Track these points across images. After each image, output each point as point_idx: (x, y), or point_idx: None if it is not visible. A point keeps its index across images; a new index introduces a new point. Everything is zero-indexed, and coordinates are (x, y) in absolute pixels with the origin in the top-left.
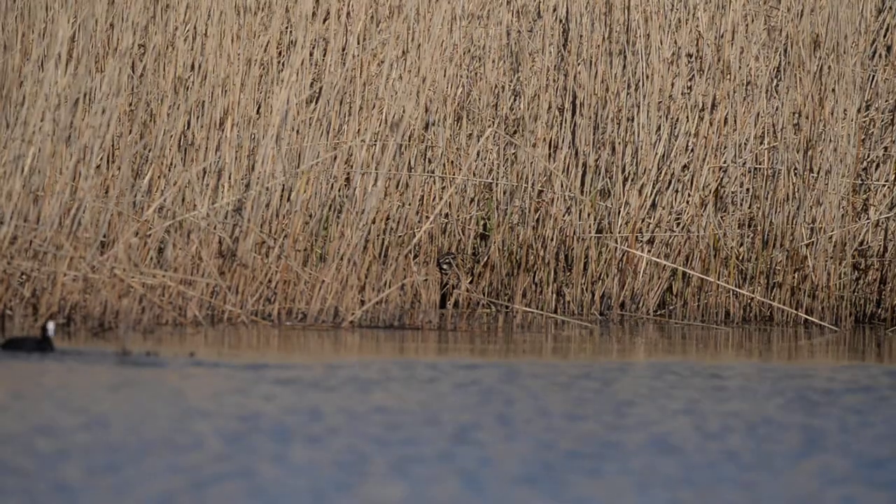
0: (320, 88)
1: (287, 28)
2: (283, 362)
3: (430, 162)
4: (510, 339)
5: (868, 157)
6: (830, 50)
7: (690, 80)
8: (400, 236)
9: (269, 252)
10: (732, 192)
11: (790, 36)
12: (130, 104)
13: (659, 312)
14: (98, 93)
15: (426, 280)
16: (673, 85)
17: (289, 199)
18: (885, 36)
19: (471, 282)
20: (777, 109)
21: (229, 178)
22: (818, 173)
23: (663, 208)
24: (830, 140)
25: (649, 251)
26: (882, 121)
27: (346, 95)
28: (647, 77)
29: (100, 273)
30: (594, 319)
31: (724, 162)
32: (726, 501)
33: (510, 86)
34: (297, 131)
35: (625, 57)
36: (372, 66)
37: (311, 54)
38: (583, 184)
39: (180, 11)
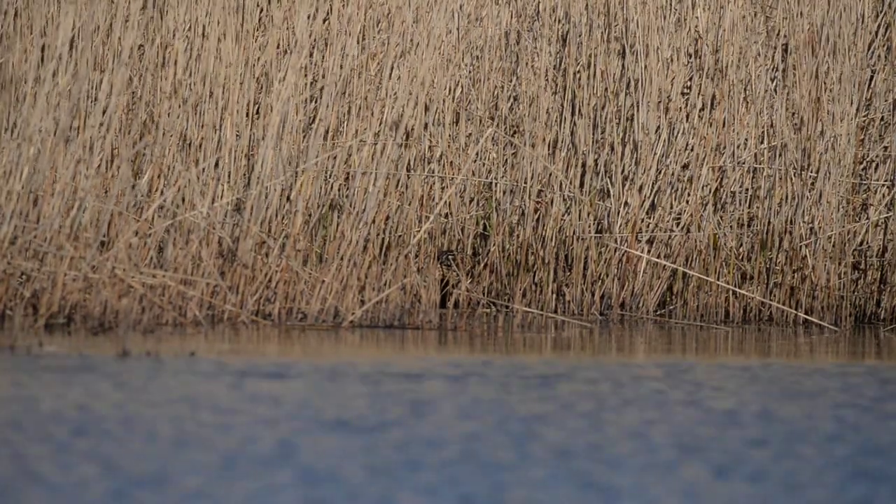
0: (321, 89)
1: (287, 28)
2: (283, 361)
3: (429, 162)
4: (510, 339)
5: (867, 156)
6: (829, 50)
7: (689, 79)
8: (400, 236)
9: (269, 252)
10: (732, 192)
11: (788, 36)
12: (129, 105)
13: (659, 312)
14: (98, 93)
15: (426, 280)
16: (672, 85)
17: (289, 199)
18: (884, 35)
19: (471, 282)
20: (776, 109)
21: (229, 178)
22: (817, 173)
23: (663, 208)
24: (829, 140)
25: (649, 251)
26: (881, 120)
27: (346, 96)
28: (646, 77)
29: (100, 273)
30: (594, 319)
31: (724, 162)
32: (725, 497)
33: (509, 86)
34: (298, 131)
35: (624, 57)
36: (371, 66)
37: (311, 55)
38: (582, 184)
39: (179, 12)
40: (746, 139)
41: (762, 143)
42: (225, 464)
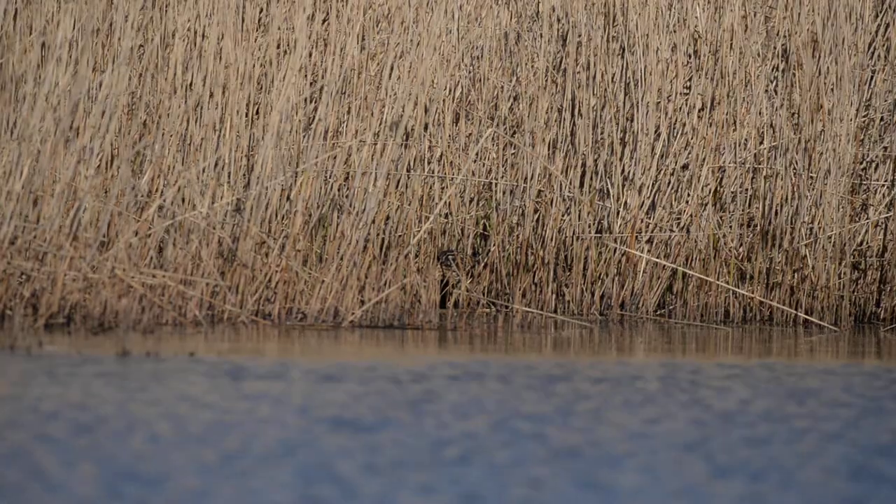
0: (321, 88)
1: (287, 28)
2: (282, 361)
3: (429, 162)
4: (510, 339)
5: (867, 156)
6: (829, 50)
7: (689, 80)
8: (400, 236)
9: (269, 252)
10: (732, 193)
11: (788, 36)
12: (129, 104)
13: (659, 312)
14: (98, 93)
15: (426, 280)
16: (672, 85)
17: (289, 199)
18: (884, 35)
19: (471, 282)
20: (776, 109)
21: (229, 178)
22: (817, 173)
23: (663, 208)
24: (829, 140)
25: (649, 251)
26: (881, 120)
27: (346, 96)
28: (646, 77)
29: (100, 273)
30: (594, 319)
31: (724, 162)
32: (726, 497)
33: (509, 86)
34: (298, 131)
35: (623, 57)
36: (371, 66)
37: (310, 55)
38: (582, 184)
39: (179, 12)
40: (746, 139)
41: (762, 143)
42: (225, 463)
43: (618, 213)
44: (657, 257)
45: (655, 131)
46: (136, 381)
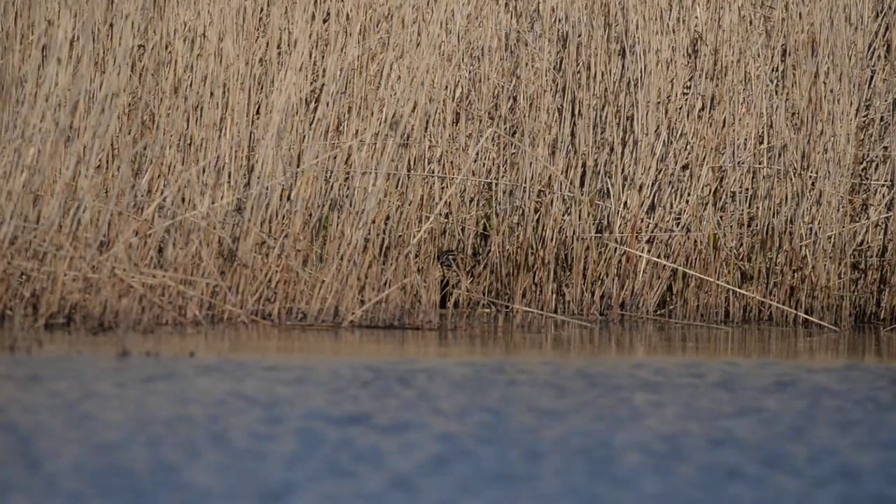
0: (321, 87)
1: (287, 29)
2: (282, 361)
3: (429, 162)
4: (510, 339)
5: (867, 156)
6: (829, 50)
7: (689, 79)
8: (400, 236)
9: (269, 252)
10: (732, 193)
11: (788, 36)
12: (129, 104)
13: (659, 312)
14: (98, 93)
15: (426, 280)
16: (672, 85)
17: (289, 199)
18: (884, 35)
19: (471, 282)
20: (776, 109)
21: (229, 178)
22: (817, 173)
23: (663, 208)
24: (829, 140)
25: (649, 251)
26: (881, 120)
27: (346, 95)
28: (646, 77)
29: (100, 273)
30: (594, 319)
31: (724, 162)
32: (727, 497)
33: (509, 86)
34: (298, 131)
35: (624, 57)
36: (371, 66)
37: (310, 55)
38: (582, 184)
39: (179, 12)
40: (746, 139)
41: (762, 143)
42: (225, 463)
43: (618, 213)
44: (657, 257)
45: (655, 131)
46: (136, 381)
